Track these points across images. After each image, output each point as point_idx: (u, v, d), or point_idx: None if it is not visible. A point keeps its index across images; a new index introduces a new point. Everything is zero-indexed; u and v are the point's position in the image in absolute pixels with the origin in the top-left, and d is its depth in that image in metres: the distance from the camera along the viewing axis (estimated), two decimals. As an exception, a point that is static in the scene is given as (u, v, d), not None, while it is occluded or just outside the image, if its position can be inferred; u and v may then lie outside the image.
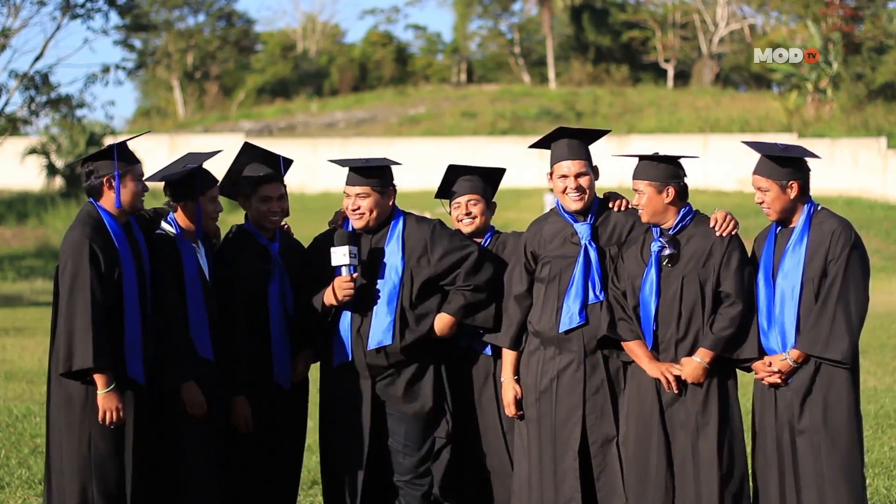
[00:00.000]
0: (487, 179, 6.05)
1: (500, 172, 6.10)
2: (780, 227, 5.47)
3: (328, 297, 5.73)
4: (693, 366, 5.41)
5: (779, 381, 5.35)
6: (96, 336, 5.22)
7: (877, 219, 32.10)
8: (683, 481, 5.44)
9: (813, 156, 5.44)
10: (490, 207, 6.04)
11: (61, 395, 5.36)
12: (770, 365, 5.35)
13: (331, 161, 6.04)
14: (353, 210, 5.80)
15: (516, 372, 5.78)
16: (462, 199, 6.00)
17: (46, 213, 34.42)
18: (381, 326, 5.72)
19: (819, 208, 5.43)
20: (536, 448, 5.71)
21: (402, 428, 5.81)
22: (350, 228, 5.84)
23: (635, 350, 5.51)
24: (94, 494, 5.32)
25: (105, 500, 5.33)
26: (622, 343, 5.54)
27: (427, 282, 5.77)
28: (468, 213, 5.98)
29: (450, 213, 6.08)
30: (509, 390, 5.76)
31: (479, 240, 5.98)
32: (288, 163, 6.05)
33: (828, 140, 36.41)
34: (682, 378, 5.42)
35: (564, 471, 5.63)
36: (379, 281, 5.76)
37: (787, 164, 5.37)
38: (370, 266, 5.79)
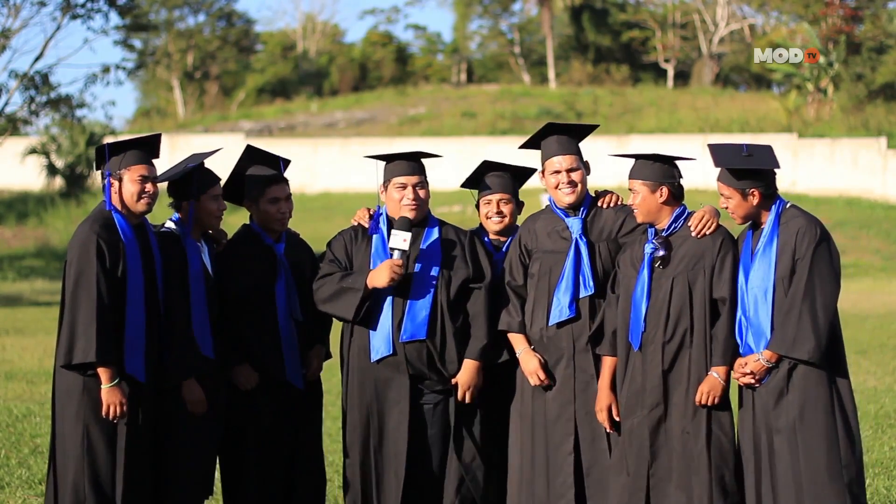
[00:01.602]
0: (517, 178, 6.09)
1: (530, 172, 6.12)
2: (754, 230, 5.47)
3: (378, 279, 5.70)
4: (713, 382, 5.39)
5: (752, 381, 5.35)
6: (100, 330, 5.26)
7: (877, 219, 32.03)
8: (675, 480, 5.43)
9: (774, 165, 5.40)
10: (518, 207, 6.07)
11: (62, 388, 5.41)
12: (745, 365, 5.35)
13: (368, 157, 6.07)
14: (411, 200, 5.84)
15: (531, 343, 5.77)
16: (494, 197, 6.00)
17: (46, 213, 34.38)
18: (415, 320, 5.74)
19: (787, 206, 5.41)
20: (529, 444, 5.74)
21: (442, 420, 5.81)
22: (380, 223, 5.86)
23: (604, 370, 5.61)
24: (86, 488, 5.34)
25: (96, 494, 5.35)
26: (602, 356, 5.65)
27: (464, 283, 5.81)
28: (499, 212, 6.00)
29: (477, 206, 6.08)
30: (532, 359, 5.74)
31: (504, 238, 6.01)
32: (286, 163, 6.08)
33: (828, 140, 36.36)
34: (705, 400, 5.39)
35: (558, 467, 5.66)
36: (417, 276, 5.78)
37: (746, 174, 5.36)
38: (411, 261, 5.81)
